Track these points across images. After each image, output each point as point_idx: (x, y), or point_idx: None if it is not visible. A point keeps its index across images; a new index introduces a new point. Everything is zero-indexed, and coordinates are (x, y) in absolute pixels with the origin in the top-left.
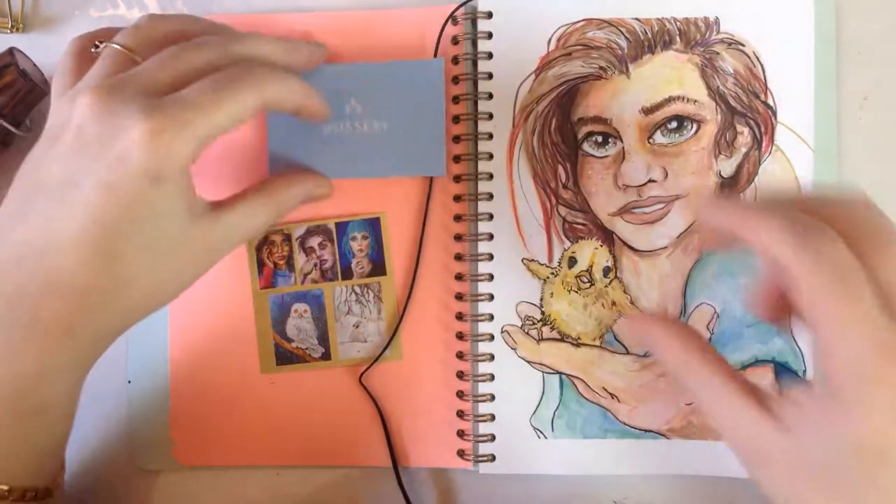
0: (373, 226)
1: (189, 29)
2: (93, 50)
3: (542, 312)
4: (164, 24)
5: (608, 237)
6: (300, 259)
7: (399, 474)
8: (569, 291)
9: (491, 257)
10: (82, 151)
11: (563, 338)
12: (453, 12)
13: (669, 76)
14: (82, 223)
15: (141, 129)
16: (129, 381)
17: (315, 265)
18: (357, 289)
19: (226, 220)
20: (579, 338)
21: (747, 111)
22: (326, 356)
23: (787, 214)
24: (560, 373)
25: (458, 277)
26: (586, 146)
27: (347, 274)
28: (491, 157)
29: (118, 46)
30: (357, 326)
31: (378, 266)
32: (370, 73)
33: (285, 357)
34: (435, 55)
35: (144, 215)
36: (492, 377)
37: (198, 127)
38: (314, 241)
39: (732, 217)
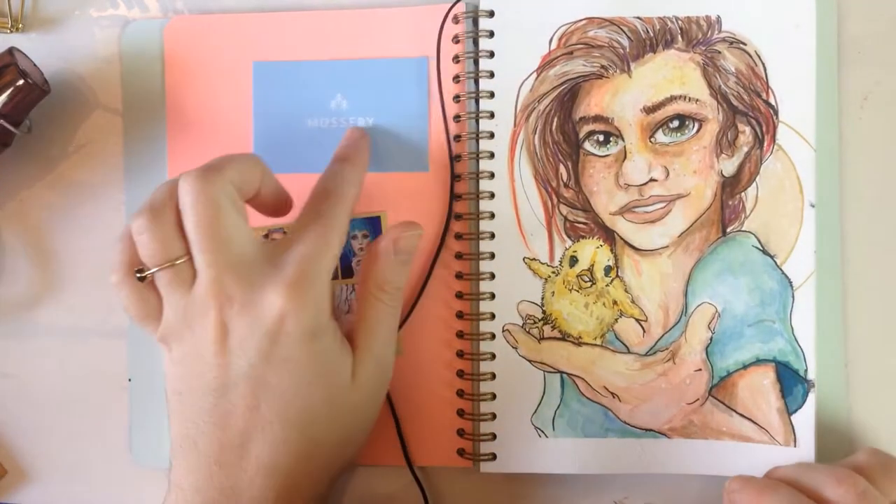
0: (373, 224)
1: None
2: (138, 276)
3: (544, 311)
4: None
5: (609, 236)
6: None
7: (416, 473)
8: (570, 290)
9: (492, 256)
10: (236, 348)
11: (564, 337)
12: (451, 7)
13: (671, 75)
14: (273, 406)
15: (281, 301)
16: (130, 380)
17: None
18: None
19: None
20: (580, 337)
21: (749, 110)
22: None
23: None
24: (561, 372)
25: (459, 276)
26: (588, 145)
27: (348, 273)
28: (492, 155)
29: (161, 269)
30: None
31: None
32: (356, 70)
33: None
34: (437, 54)
35: (316, 373)
36: (493, 376)
37: (324, 271)
38: None
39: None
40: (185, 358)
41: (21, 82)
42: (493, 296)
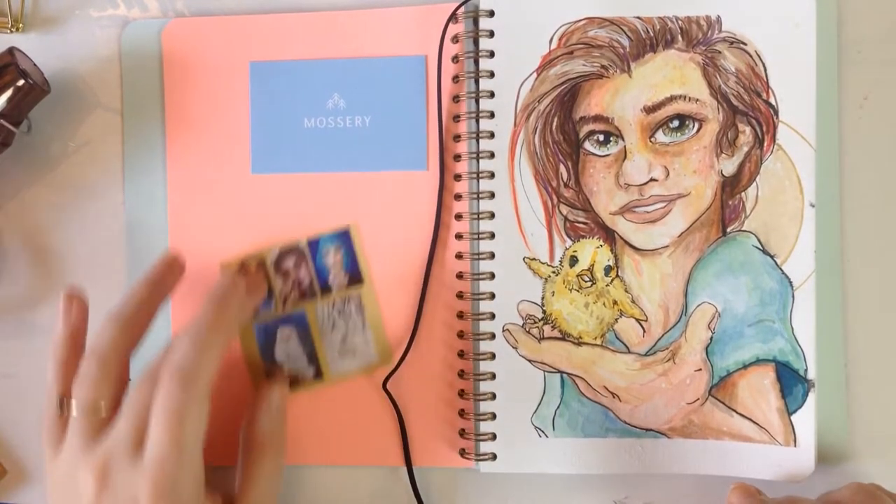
0: (342, 238)
1: (130, 338)
2: (60, 412)
3: (544, 311)
4: (111, 359)
5: (609, 236)
6: (278, 283)
7: (413, 476)
8: (570, 290)
9: (492, 256)
10: None
11: (564, 337)
12: (455, 10)
13: (671, 75)
14: None
15: (149, 495)
16: (129, 380)
17: (293, 285)
18: (338, 303)
19: None
20: (580, 337)
21: (749, 110)
22: (318, 375)
23: None
24: (561, 372)
25: (459, 276)
26: (588, 145)
27: (327, 290)
28: (492, 155)
29: (82, 403)
30: (344, 341)
31: (354, 276)
32: (353, 69)
33: None
34: (440, 53)
35: None
36: (493, 376)
37: (185, 474)
38: (289, 263)
39: None
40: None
41: (21, 82)
42: (493, 296)
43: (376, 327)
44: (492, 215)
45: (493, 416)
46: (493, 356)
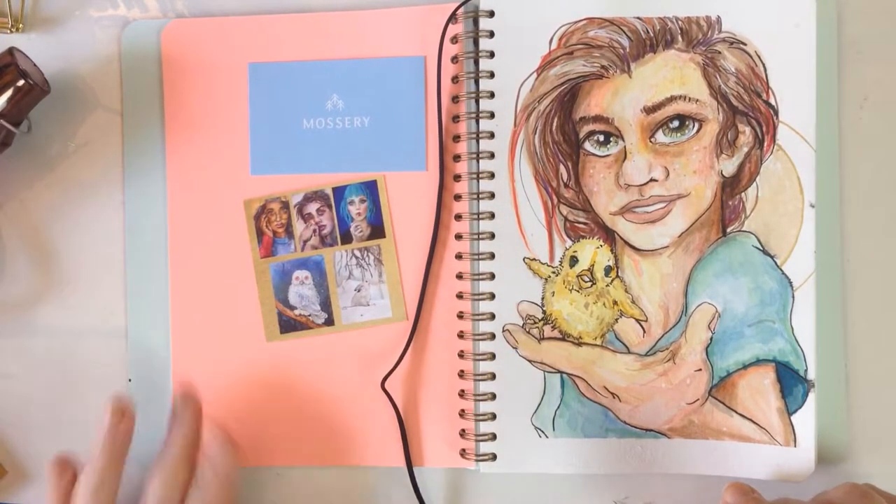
0: (370, 189)
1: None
2: None
3: (544, 311)
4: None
5: (609, 236)
6: (299, 226)
7: (414, 476)
8: (570, 290)
9: (492, 256)
10: None
11: (564, 337)
12: (455, 11)
13: (671, 75)
14: None
15: None
16: (130, 380)
17: (314, 231)
18: (357, 252)
19: None
20: (580, 337)
21: (749, 110)
22: (329, 322)
23: None
24: (561, 372)
25: (459, 276)
26: (588, 145)
27: (347, 238)
28: (492, 155)
29: None
30: (359, 290)
31: (377, 229)
32: (352, 70)
33: (289, 325)
34: (439, 54)
35: None
36: (493, 376)
37: None
38: (312, 207)
39: None
40: None
41: (21, 82)
42: (493, 296)
43: (393, 282)
44: (492, 216)
45: (493, 417)
46: (493, 356)
